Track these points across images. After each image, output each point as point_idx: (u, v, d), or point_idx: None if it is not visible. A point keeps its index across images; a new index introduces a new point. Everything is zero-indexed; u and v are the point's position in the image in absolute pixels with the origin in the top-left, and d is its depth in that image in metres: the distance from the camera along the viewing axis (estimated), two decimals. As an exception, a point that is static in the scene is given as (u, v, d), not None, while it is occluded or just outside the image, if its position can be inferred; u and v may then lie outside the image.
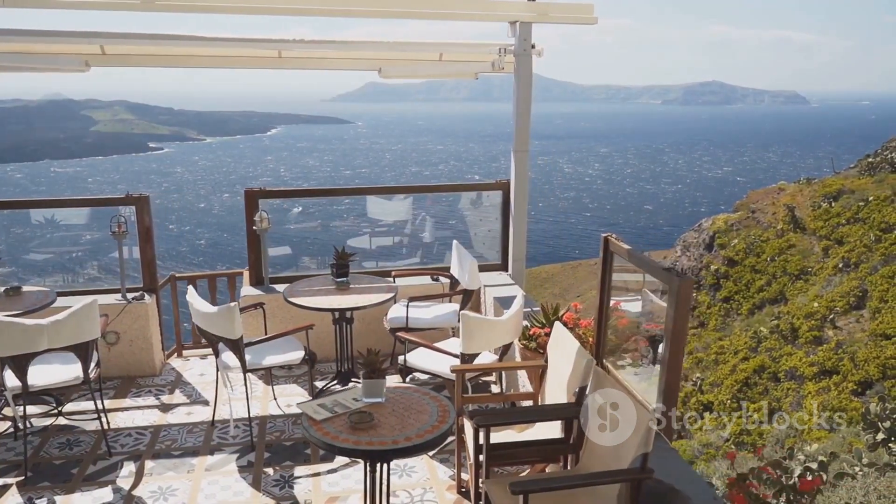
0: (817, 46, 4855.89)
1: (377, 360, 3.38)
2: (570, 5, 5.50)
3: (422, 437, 3.06)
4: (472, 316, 4.20)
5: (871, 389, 13.12)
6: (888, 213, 19.03)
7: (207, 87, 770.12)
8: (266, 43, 5.65)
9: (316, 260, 7.10)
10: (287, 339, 4.89)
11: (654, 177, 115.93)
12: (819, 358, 15.25)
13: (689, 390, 19.13)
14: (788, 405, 15.45)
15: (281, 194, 6.73)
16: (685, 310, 2.95)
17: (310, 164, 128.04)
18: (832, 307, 16.91)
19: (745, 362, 17.93)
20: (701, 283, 23.50)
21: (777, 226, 22.71)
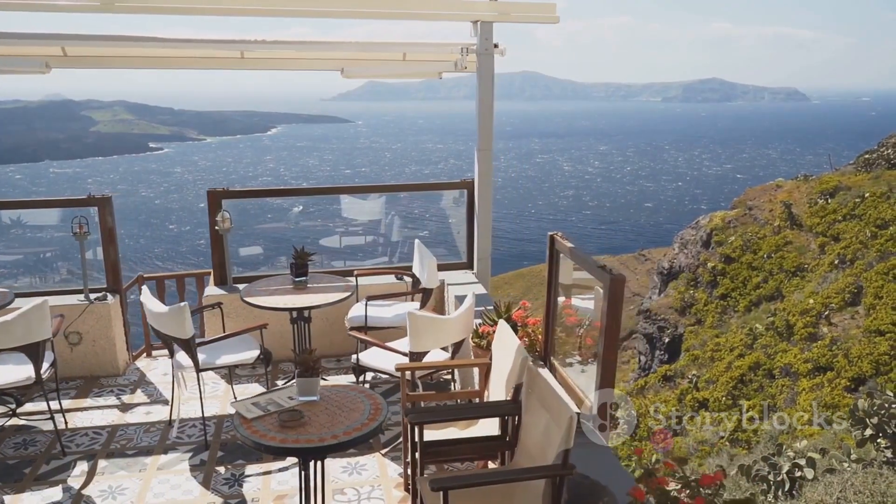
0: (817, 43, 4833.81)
1: (311, 359, 3.36)
2: (531, 4, 5.49)
3: (349, 435, 3.08)
4: (419, 314, 4.16)
5: (864, 386, 13.02)
6: (884, 209, 18.93)
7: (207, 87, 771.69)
8: (228, 44, 5.60)
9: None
10: (243, 338, 4.82)
11: (653, 174, 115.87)
12: (813, 354, 15.16)
13: (685, 387, 19.06)
14: (783, 402, 15.37)
15: (244, 194, 6.68)
16: (618, 307, 2.93)
17: (310, 163, 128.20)
18: (828, 304, 16.82)
19: (741, 359, 17.85)
20: (698, 280, 23.46)
21: (774, 223, 22.62)
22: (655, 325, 23.61)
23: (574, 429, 2.63)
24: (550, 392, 2.91)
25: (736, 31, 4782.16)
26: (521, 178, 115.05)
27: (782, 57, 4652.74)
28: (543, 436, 2.87)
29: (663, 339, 23.04)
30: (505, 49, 5.55)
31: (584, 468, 2.77)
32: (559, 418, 2.73)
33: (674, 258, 25.43)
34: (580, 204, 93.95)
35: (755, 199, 24.83)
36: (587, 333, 3.62)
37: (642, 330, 24.55)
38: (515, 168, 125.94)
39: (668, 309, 23.47)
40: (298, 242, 5.72)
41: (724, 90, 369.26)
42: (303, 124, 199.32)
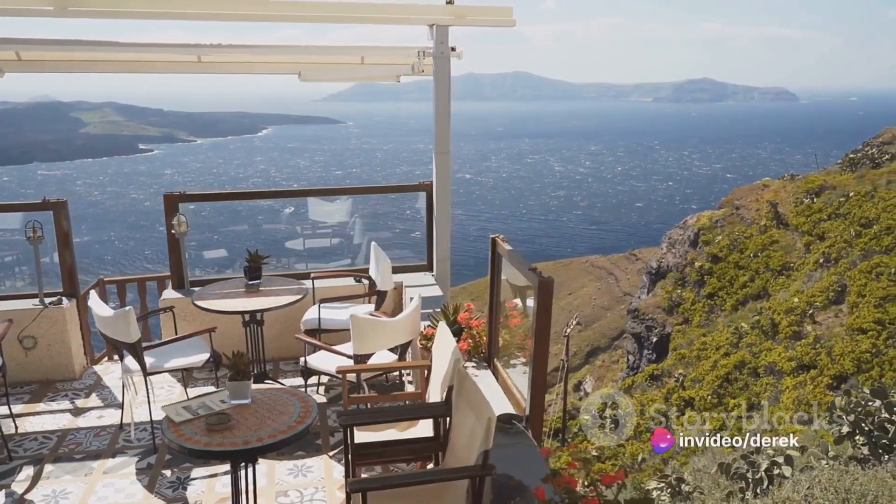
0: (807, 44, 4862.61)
1: (242, 363, 3.29)
2: (488, 8, 5.49)
3: (274, 438, 3.07)
4: (361, 317, 4.12)
5: (845, 383, 13.01)
6: (868, 208, 18.96)
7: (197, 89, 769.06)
8: (184, 48, 5.53)
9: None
10: (194, 341, 4.73)
11: (644, 174, 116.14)
12: (797, 353, 15.16)
13: (672, 386, 19.05)
14: (767, 400, 15.37)
15: (202, 198, 6.62)
16: (547, 308, 2.89)
17: (301, 164, 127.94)
18: (812, 302, 16.83)
19: (727, 358, 17.84)
20: (686, 279, 23.46)
21: (760, 222, 22.65)
22: (644, 324, 23.60)
23: (492, 430, 2.60)
24: (477, 393, 2.88)
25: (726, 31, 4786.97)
26: (513, 179, 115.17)
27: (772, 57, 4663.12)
28: (469, 437, 2.84)
29: (651, 339, 23.03)
30: (462, 52, 5.54)
31: (515, 468, 2.73)
32: (482, 420, 2.71)
33: (662, 258, 25.44)
34: (571, 204, 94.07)
35: (742, 199, 24.87)
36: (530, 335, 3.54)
37: (630, 329, 24.54)
38: (506, 168, 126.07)
39: (656, 308, 23.46)
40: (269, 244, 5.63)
41: (714, 90, 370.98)
42: (293, 125, 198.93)
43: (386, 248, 5.56)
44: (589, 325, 36.90)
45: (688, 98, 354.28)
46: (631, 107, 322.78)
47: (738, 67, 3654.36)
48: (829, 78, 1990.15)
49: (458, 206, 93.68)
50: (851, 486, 4.58)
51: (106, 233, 76.13)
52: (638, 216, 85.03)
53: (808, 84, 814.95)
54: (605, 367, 33.04)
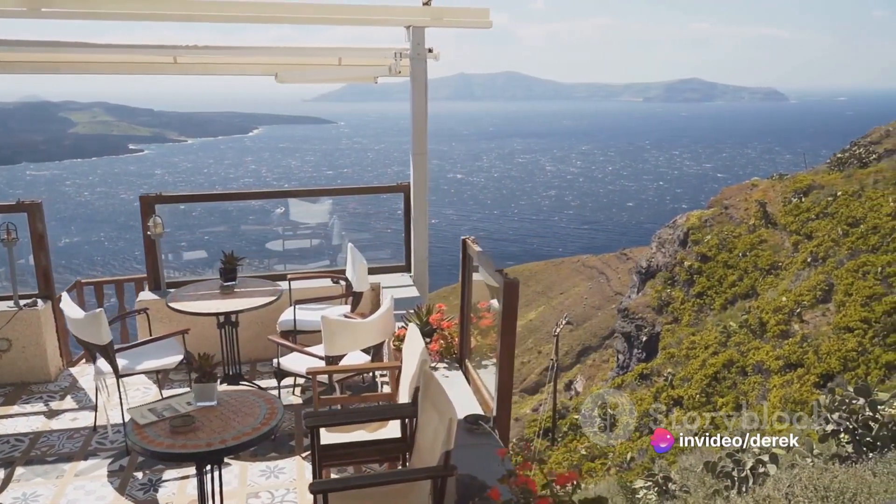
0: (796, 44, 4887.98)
1: (208, 365, 3.25)
2: (465, 10, 5.45)
3: (237, 440, 3.07)
4: (332, 318, 4.09)
5: (832, 382, 13.03)
6: (855, 207, 19.04)
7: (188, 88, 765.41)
8: (160, 49, 5.49)
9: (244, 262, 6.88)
10: (167, 343, 4.68)
11: (635, 174, 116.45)
12: (785, 351, 15.20)
13: (661, 385, 19.09)
14: (754, 399, 15.40)
15: (178, 199, 6.57)
16: (513, 310, 2.88)
17: (292, 164, 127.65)
18: (800, 301, 16.88)
19: (715, 357, 17.87)
20: (675, 279, 23.51)
21: (749, 221, 22.72)
22: (633, 323, 23.63)
23: (453, 431, 2.60)
24: (441, 394, 2.86)
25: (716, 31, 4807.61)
26: (504, 179, 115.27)
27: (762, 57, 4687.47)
28: (434, 437, 2.83)
29: (641, 338, 23.07)
30: (439, 54, 5.52)
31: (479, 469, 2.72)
32: (444, 420, 2.70)
33: (652, 257, 25.48)
34: (562, 204, 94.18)
35: (731, 199, 24.95)
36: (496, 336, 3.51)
37: (620, 329, 24.57)
38: (498, 168, 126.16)
39: (645, 308, 23.50)
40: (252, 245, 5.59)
41: (704, 90, 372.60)
42: (284, 125, 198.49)
43: (367, 249, 5.52)
44: (580, 324, 36.94)
45: (678, 98, 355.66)
46: (621, 107, 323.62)
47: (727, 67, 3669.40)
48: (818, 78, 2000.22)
49: (449, 206, 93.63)
50: (831, 483, 4.58)
51: (95, 233, 75.74)
52: (629, 216, 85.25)
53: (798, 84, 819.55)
54: (595, 367, 33.08)
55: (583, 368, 33.76)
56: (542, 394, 29.03)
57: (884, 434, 5.66)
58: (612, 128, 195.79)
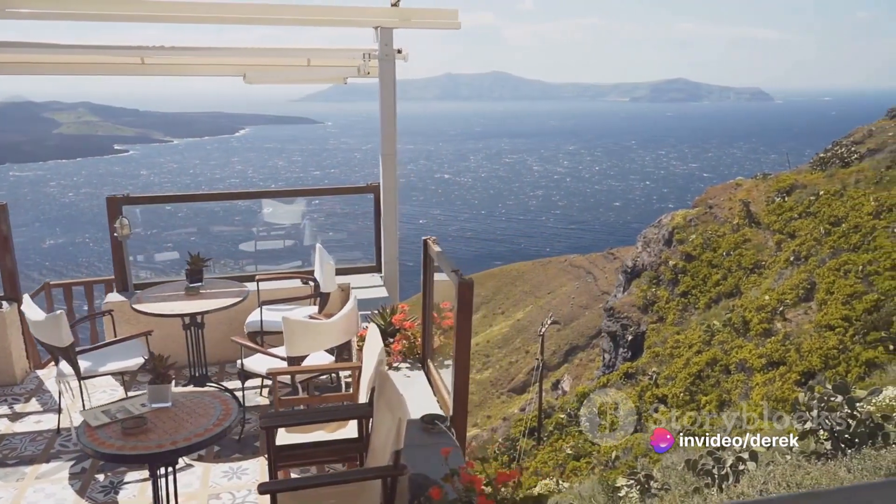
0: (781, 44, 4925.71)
1: (162, 366, 3.21)
2: (433, 10, 5.46)
3: (188, 441, 3.07)
4: (293, 319, 4.08)
5: (813, 379, 13.10)
6: (837, 206, 19.16)
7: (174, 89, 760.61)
8: (127, 50, 5.43)
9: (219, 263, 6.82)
10: (132, 344, 4.61)
11: (622, 174, 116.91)
12: (767, 350, 15.26)
13: (646, 384, 19.13)
14: (737, 397, 15.46)
15: (146, 200, 6.54)
16: (468, 309, 2.88)
17: (279, 165, 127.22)
18: (782, 300, 16.96)
19: (699, 355, 17.93)
20: (660, 278, 23.58)
21: (733, 221, 22.82)
22: (619, 323, 23.66)
23: (403, 431, 2.60)
24: (395, 394, 2.86)
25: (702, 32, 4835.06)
26: (491, 179, 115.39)
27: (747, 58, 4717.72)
28: (387, 437, 2.83)
29: (626, 337, 23.10)
30: (407, 54, 5.51)
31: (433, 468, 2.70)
32: (395, 420, 2.69)
33: (637, 257, 25.53)
34: (550, 203, 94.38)
35: (716, 198, 25.05)
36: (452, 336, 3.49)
37: (606, 328, 24.61)
38: (485, 168, 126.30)
39: (631, 307, 23.54)
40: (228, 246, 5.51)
41: (690, 90, 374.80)
42: (271, 125, 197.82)
43: (342, 250, 5.48)
44: (567, 324, 37.02)
45: (664, 98, 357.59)
46: (608, 107, 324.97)
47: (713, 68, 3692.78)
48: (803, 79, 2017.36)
49: (437, 207, 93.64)
50: (803, 480, 4.59)
51: (80, 235, 75.12)
52: (616, 215, 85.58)
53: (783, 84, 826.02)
54: (582, 366, 33.14)
55: (570, 368, 33.82)
56: (529, 393, 29.05)
57: (861, 431, 5.68)
58: (599, 128, 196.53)
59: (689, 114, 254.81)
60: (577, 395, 21.54)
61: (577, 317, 38.02)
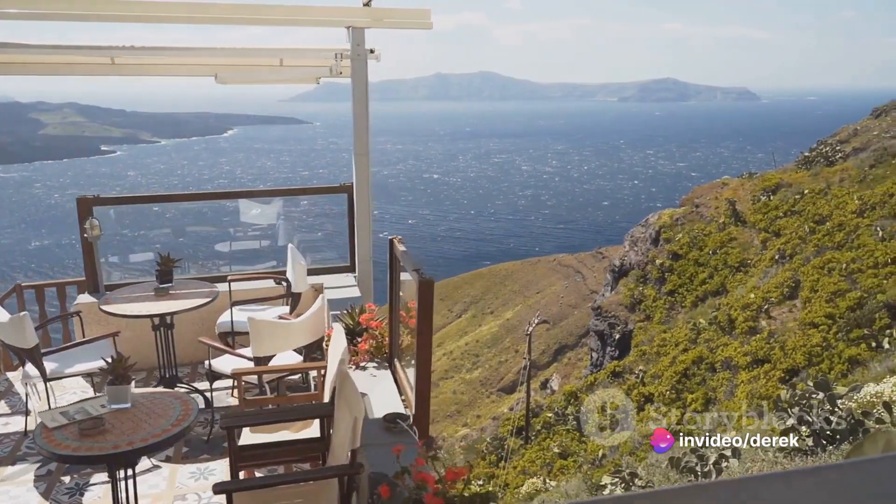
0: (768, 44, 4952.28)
1: (120, 367, 3.18)
2: (405, 10, 5.48)
3: (145, 442, 3.08)
4: (258, 319, 4.07)
5: (797, 377, 13.16)
6: (821, 205, 19.27)
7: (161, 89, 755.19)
8: (97, 50, 5.37)
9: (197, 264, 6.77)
10: (100, 345, 4.57)
11: (610, 173, 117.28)
12: (752, 348, 15.32)
13: (632, 382, 19.17)
14: (722, 395, 15.51)
15: (117, 201, 6.50)
16: (428, 308, 2.88)
17: (267, 165, 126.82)
18: (767, 298, 17.04)
19: (685, 354, 17.98)
20: (647, 277, 23.63)
21: (719, 219, 22.92)
22: (607, 322, 23.69)
23: (359, 430, 2.60)
24: (354, 393, 2.84)
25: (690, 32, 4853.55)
26: (480, 178, 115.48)
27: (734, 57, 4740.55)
28: (345, 436, 2.82)
29: (614, 336, 23.14)
30: (379, 54, 5.48)
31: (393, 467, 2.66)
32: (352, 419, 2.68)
33: (625, 256, 25.58)
34: (539, 203, 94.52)
35: (702, 197, 25.15)
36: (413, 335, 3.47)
37: (594, 327, 24.65)
38: (474, 168, 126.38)
39: (618, 306, 23.58)
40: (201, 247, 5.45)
41: (678, 90, 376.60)
42: (260, 126, 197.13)
43: (318, 250, 5.45)
44: (557, 323, 37.06)
45: (652, 98, 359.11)
46: (597, 106, 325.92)
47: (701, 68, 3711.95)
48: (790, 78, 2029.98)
49: (426, 207, 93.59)
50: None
51: (67, 236, 74.46)
52: (604, 215, 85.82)
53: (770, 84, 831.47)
54: (571, 365, 33.19)
55: (559, 367, 33.86)
56: (519, 392, 29.06)
57: (841, 427, 5.69)
58: (588, 127, 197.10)
59: (677, 113, 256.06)
60: (565, 394, 21.55)
61: (566, 316, 38.09)
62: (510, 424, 22.54)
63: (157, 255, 5.21)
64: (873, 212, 16.93)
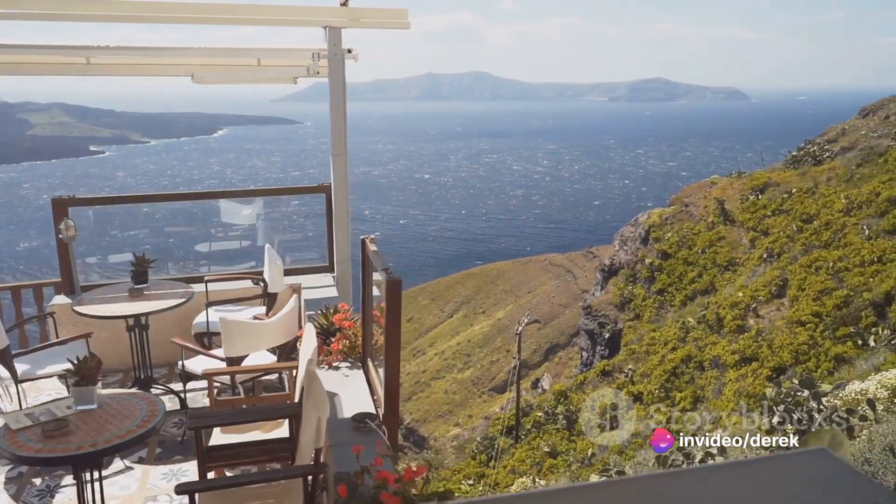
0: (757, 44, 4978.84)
1: (86, 368, 3.14)
2: (383, 10, 5.43)
3: (109, 443, 3.09)
4: (230, 320, 4.04)
5: (783, 375, 13.20)
6: (809, 204, 19.35)
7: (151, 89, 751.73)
8: (72, 49, 5.32)
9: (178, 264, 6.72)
10: (73, 346, 4.51)
11: (601, 173, 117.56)
12: (740, 346, 15.37)
13: (622, 381, 19.21)
14: (710, 393, 15.55)
15: (93, 201, 6.46)
16: (396, 307, 2.89)
17: (258, 165, 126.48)
18: (756, 296, 17.09)
19: (674, 352, 18.02)
20: (637, 276, 23.68)
21: (708, 218, 23.00)
22: (596, 321, 23.72)
23: (322, 430, 2.61)
24: (321, 394, 2.83)
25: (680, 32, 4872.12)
26: (471, 178, 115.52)
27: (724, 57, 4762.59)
28: (312, 436, 2.81)
29: (604, 335, 23.17)
30: (357, 54, 5.45)
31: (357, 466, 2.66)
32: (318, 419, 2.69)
33: (614, 255, 25.62)
34: (530, 203, 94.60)
35: (691, 196, 25.22)
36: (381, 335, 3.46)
37: (584, 326, 24.67)
38: (465, 168, 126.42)
39: (608, 305, 23.61)
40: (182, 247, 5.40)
41: (668, 90, 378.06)
42: (251, 126, 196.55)
43: (298, 250, 5.41)
44: (548, 322, 37.10)
45: (643, 97, 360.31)
46: (587, 106, 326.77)
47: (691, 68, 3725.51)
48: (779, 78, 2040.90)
49: (417, 207, 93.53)
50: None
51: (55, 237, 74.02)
52: (595, 214, 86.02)
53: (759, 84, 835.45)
54: (562, 364, 33.23)
55: (550, 366, 33.89)
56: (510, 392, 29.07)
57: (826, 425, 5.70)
58: (578, 127, 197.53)
59: (667, 113, 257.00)
60: (555, 393, 21.57)
61: (558, 315, 38.12)
62: (500, 424, 22.55)
63: (133, 256, 5.17)
64: (860, 211, 17.01)
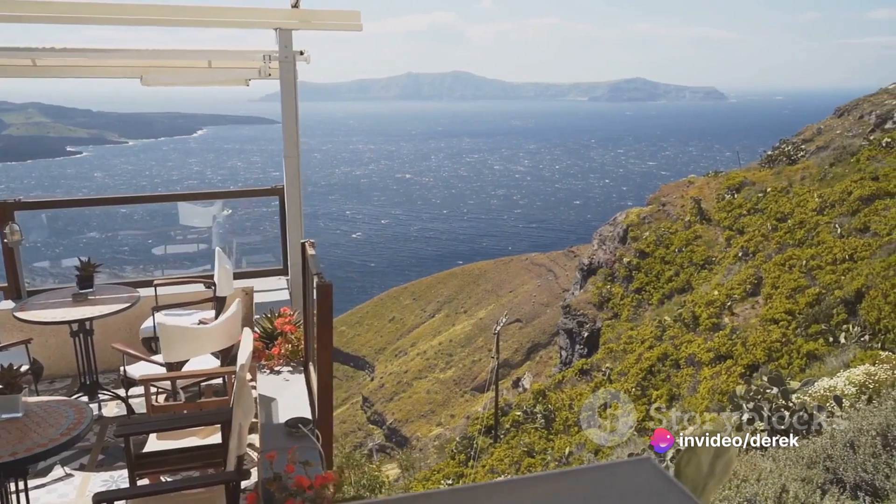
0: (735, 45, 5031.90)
1: (11, 375, 3.05)
2: (334, 12, 5.36)
3: (30, 452, 3.01)
4: (168, 325, 3.97)
5: (756, 372, 13.27)
6: (783, 203, 19.51)
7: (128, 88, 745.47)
8: (17, 51, 5.17)
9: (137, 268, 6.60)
10: (14, 352, 4.38)
11: (582, 172, 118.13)
12: (715, 344, 15.44)
13: (600, 380, 19.24)
14: (686, 391, 15.61)
15: (41, 205, 6.31)
16: (328, 312, 2.87)
17: (237, 165, 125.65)
18: (731, 295, 17.20)
19: (651, 351, 18.08)
20: (615, 275, 23.75)
21: (685, 218, 23.13)
22: (575, 320, 23.76)
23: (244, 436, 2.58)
24: (248, 399, 2.81)
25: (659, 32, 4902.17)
26: (453, 178, 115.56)
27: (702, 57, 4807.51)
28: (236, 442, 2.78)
29: (583, 334, 23.21)
30: (309, 56, 5.39)
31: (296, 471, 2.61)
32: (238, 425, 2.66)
33: (593, 254, 25.69)
34: (511, 203, 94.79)
35: (669, 196, 25.35)
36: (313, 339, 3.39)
37: (563, 325, 24.71)
38: (447, 168, 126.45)
39: (587, 304, 23.66)
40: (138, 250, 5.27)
41: (647, 89, 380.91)
42: (230, 126, 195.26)
43: (254, 253, 5.30)
44: (529, 321, 37.15)
45: (623, 97, 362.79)
46: (568, 106, 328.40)
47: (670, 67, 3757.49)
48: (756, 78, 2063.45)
49: (398, 206, 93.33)
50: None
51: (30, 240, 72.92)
52: (576, 214, 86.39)
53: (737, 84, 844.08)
54: (543, 363, 33.29)
55: (531, 365, 33.95)
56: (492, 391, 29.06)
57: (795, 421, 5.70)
58: (559, 127, 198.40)
59: (647, 113, 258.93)
60: (533, 392, 21.57)
61: (539, 314, 38.19)
62: (479, 424, 22.51)
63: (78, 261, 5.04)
64: (832, 209, 17.17)
